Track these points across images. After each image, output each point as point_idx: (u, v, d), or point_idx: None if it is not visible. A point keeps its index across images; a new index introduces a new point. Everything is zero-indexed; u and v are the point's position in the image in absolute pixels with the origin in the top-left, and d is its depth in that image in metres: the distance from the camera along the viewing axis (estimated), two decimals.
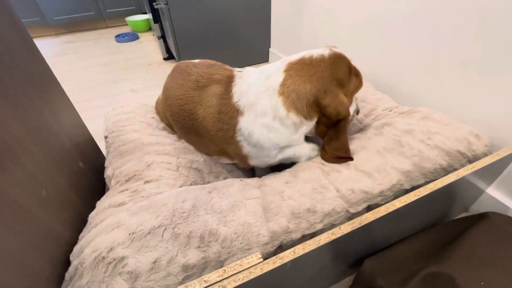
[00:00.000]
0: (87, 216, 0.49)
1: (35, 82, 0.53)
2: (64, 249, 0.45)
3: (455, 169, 0.56)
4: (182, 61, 0.70)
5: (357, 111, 0.68)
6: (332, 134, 0.57)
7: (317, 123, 0.58)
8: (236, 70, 0.62)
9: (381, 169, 0.55)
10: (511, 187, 0.65)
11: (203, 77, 0.61)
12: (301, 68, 0.54)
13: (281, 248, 0.48)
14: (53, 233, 0.44)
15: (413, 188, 0.55)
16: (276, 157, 0.60)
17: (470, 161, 0.57)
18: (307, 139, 0.63)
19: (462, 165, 0.56)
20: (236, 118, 0.55)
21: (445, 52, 0.71)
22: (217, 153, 0.66)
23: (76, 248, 0.42)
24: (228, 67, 0.66)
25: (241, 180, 0.56)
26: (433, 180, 0.55)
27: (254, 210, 0.48)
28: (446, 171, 0.56)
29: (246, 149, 0.59)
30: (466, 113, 0.71)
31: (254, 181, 0.56)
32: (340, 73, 0.55)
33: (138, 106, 0.75)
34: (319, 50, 0.56)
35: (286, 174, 0.57)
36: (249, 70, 0.61)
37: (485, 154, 0.57)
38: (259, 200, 0.50)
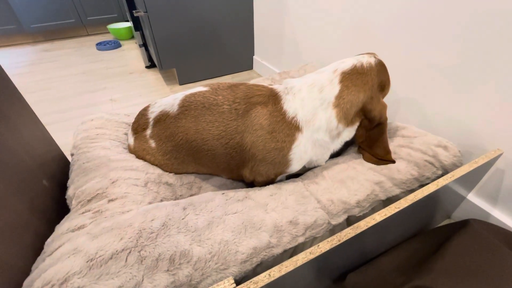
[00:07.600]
0: None
1: None
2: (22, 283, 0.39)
3: (428, 178, 0.57)
4: (185, 95, 0.58)
5: None
6: (373, 137, 0.59)
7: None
8: (276, 87, 0.57)
9: (354, 179, 0.55)
10: (491, 194, 0.66)
11: (239, 103, 0.54)
12: (356, 78, 0.54)
13: (261, 266, 0.45)
14: (5, 267, 0.39)
15: (389, 199, 0.54)
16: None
17: (443, 169, 0.58)
18: None
19: (434, 173, 0.57)
20: (294, 135, 0.53)
21: (423, 62, 0.71)
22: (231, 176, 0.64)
23: (26, 282, 0.37)
24: (259, 84, 0.59)
25: (223, 193, 0.53)
26: (408, 190, 0.56)
27: (234, 226, 0.46)
28: (419, 180, 0.57)
29: (293, 167, 0.56)
30: (442, 122, 0.71)
31: (238, 193, 0.53)
32: (384, 80, 0.57)
33: (110, 118, 0.69)
34: (366, 58, 0.56)
35: (271, 186, 0.56)
36: (295, 84, 0.55)
37: (455, 164, 0.58)
38: (240, 215, 0.48)
